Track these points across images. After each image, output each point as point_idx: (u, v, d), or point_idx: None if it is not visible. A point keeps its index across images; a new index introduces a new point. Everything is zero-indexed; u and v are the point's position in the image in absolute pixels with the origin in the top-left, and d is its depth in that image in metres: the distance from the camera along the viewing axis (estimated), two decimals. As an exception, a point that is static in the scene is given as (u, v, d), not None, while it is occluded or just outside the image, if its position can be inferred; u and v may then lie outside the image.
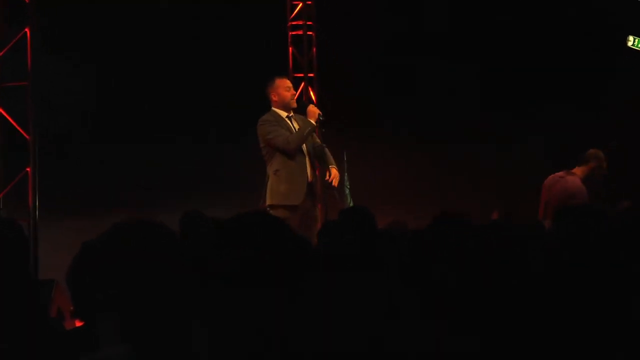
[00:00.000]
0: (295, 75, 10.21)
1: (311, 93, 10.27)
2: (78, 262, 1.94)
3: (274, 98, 7.40)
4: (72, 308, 2.13)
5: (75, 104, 8.74)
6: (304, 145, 7.31)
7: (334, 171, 7.32)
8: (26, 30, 7.28)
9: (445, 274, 2.93)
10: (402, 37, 10.26)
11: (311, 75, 10.35)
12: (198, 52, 9.52)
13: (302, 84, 10.23)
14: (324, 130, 7.39)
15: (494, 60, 10.26)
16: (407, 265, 3.14)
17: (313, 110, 7.39)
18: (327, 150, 7.40)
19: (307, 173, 7.29)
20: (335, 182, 7.29)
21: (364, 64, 10.29)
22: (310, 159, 7.35)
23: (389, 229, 5.21)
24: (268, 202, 7.26)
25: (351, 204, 7.90)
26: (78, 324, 2.56)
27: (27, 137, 7.28)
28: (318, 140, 7.41)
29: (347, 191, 8.14)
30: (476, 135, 10.14)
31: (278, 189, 7.21)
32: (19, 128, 7.30)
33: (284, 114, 7.38)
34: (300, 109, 7.49)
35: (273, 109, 7.41)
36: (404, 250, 3.40)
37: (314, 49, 10.34)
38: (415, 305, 2.78)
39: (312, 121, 7.30)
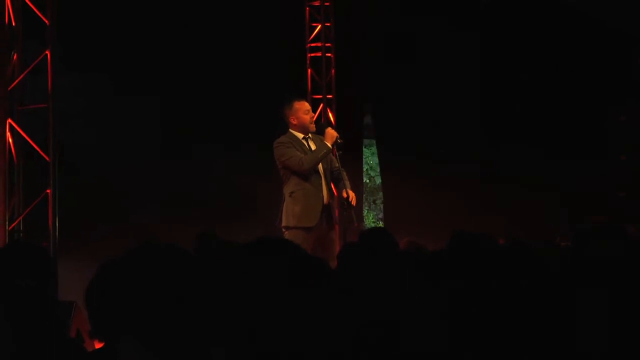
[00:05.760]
0: (314, 97, 10.25)
1: (330, 115, 10.29)
2: (94, 284, 1.95)
3: (293, 121, 7.41)
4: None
5: (93, 121, 8.80)
6: (321, 167, 7.32)
7: (352, 192, 7.31)
8: (47, 52, 7.30)
9: (464, 293, 2.93)
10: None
11: (330, 96, 10.38)
12: (216, 73, 9.56)
13: (321, 105, 10.26)
14: (340, 152, 7.37)
15: (505, 83, 10.28)
16: (426, 284, 3.13)
17: (331, 133, 7.36)
18: (344, 174, 7.40)
19: (323, 195, 7.29)
20: (354, 202, 7.27)
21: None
22: (327, 181, 7.36)
23: (406, 249, 5.20)
24: (283, 224, 7.29)
25: (368, 226, 7.88)
26: (98, 345, 2.57)
27: (47, 159, 7.28)
28: (337, 164, 7.40)
29: (366, 213, 8.13)
30: (486, 162, 10.15)
31: (293, 211, 7.23)
32: (39, 150, 7.30)
33: (300, 135, 7.40)
34: (319, 131, 7.48)
35: (290, 130, 7.42)
36: (422, 270, 3.38)
37: (333, 71, 10.38)
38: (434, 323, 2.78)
39: (329, 144, 7.30)
